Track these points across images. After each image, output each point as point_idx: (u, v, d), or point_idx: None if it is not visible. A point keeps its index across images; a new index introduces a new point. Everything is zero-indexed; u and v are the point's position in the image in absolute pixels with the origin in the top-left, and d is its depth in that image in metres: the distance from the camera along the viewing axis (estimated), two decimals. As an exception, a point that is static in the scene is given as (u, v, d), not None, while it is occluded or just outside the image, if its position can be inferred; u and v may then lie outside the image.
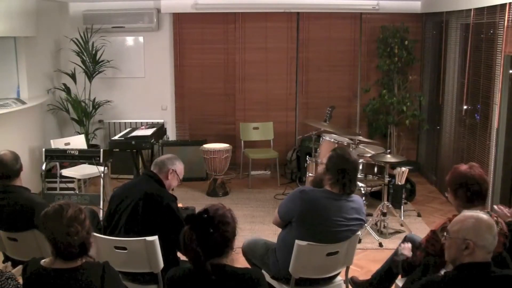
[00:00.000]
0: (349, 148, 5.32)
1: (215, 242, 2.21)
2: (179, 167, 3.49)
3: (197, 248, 2.19)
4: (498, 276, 2.25)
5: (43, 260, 2.32)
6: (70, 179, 6.10)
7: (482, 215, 2.34)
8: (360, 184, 5.42)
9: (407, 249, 3.19)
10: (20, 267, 2.67)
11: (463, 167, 2.98)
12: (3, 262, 3.47)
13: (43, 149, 5.44)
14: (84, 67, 7.00)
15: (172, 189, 3.51)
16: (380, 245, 4.91)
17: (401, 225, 5.30)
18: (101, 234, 3.24)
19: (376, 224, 5.24)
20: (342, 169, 3.14)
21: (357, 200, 3.26)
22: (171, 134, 7.49)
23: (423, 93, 7.22)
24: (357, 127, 7.48)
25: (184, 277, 2.32)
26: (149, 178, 3.39)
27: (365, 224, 3.36)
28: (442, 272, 2.55)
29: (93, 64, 7.03)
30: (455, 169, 2.99)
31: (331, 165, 3.18)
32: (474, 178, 2.89)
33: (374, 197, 5.88)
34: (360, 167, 5.54)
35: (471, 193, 2.89)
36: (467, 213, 2.40)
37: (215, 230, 2.21)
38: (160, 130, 6.65)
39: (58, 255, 2.27)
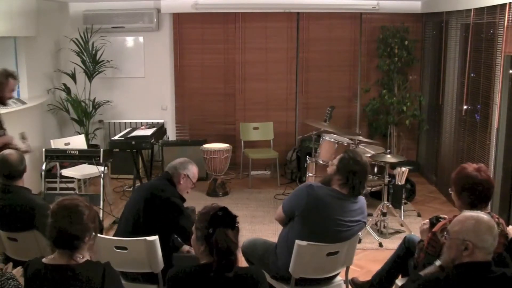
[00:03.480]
0: (360, 150, 5.33)
1: (238, 234, 2.35)
2: (191, 171, 3.51)
3: (234, 240, 2.29)
4: (497, 275, 2.25)
5: (44, 258, 2.33)
6: (70, 179, 6.10)
7: (482, 216, 2.33)
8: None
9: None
10: (19, 268, 2.67)
11: (471, 168, 2.92)
12: (4, 262, 3.48)
13: (43, 149, 5.44)
14: (84, 67, 7.00)
15: (187, 192, 3.54)
16: (380, 245, 4.91)
17: (401, 225, 5.30)
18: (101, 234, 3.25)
19: (376, 224, 5.24)
20: (353, 171, 3.14)
21: (362, 201, 3.26)
22: (171, 134, 7.49)
23: (423, 93, 7.23)
24: (357, 127, 7.48)
25: (185, 276, 2.33)
26: (163, 178, 3.46)
27: (366, 225, 3.37)
28: (437, 263, 2.54)
29: (93, 64, 7.03)
30: (463, 170, 2.94)
31: (341, 166, 3.18)
32: (481, 183, 2.86)
33: (374, 197, 5.88)
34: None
35: (475, 197, 2.87)
36: (467, 213, 2.40)
37: (238, 222, 2.35)
38: (160, 130, 6.64)
39: (54, 242, 2.28)
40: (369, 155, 5.46)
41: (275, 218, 3.44)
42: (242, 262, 3.50)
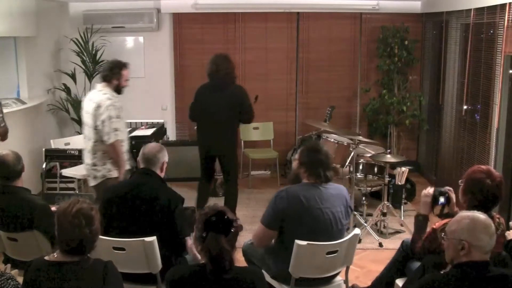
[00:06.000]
0: (319, 140, 5.41)
1: (235, 239, 2.35)
2: (167, 156, 3.52)
3: (227, 246, 2.28)
4: (495, 275, 2.26)
5: (46, 256, 2.35)
6: (70, 179, 6.10)
7: (478, 215, 2.34)
8: (360, 184, 5.43)
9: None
10: (16, 271, 2.68)
11: (485, 174, 2.88)
12: (4, 262, 3.48)
13: (43, 149, 5.44)
14: (84, 67, 7.00)
15: None
16: (380, 245, 4.91)
17: (401, 225, 5.30)
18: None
19: (376, 224, 5.24)
20: (314, 160, 3.27)
21: (337, 187, 3.35)
22: (171, 134, 7.48)
23: (423, 93, 7.22)
24: (357, 127, 7.48)
25: (184, 276, 2.34)
26: (149, 176, 3.37)
27: (352, 211, 3.44)
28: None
29: (93, 64, 7.02)
30: (477, 173, 2.92)
31: (303, 158, 3.33)
32: (487, 193, 2.85)
33: (374, 197, 5.88)
34: (360, 167, 5.55)
35: (477, 202, 2.86)
36: (464, 213, 2.40)
37: (234, 228, 2.36)
38: (160, 130, 6.64)
39: (58, 244, 2.30)
40: (369, 155, 5.47)
41: (256, 245, 3.43)
42: (243, 263, 3.51)
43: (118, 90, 4.51)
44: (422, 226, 3.17)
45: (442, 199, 3.14)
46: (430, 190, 3.19)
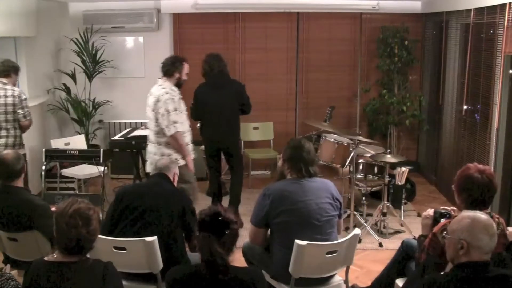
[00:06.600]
0: (304, 139, 5.44)
1: (231, 241, 2.33)
2: (178, 170, 3.75)
3: (219, 248, 2.27)
4: (495, 275, 2.26)
5: (45, 257, 2.35)
6: (70, 179, 6.10)
7: (479, 215, 2.34)
8: (360, 184, 5.43)
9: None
10: (16, 271, 2.68)
11: (473, 169, 2.90)
12: (3, 262, 3.48)
13: (43, 149, 5.44)
14: (84, 67, 7.00)
15: None
16: (380, 245, 4.91)
17: (401, 225, 5.30)
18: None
19: (376, 224, 5.24)
20: (296, 156, 3.36)
21: (322, 181, 3.40)
22: (171, 134, 7.47)
23: (423, 93, 7.22)
24: (357, 127, 7.47)
25: (184, 276, 2.34)
26: (165, 180, 3.53)
27: (345, 210, 3.46)
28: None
29: (93, 64, 7.03)
30: (466, 170, 2.93)
31: (286, 156, 3.43)
32: (480, 187, 2.85)
33: (374, 197, 5.88)
34: (360, 167, 5.55)
35: (473, 199, 2.86)
36: (465, 213, 2.40)
37: (231, 230, 2.32)
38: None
39: (56, 244, 2.31)
40: (369, 155, 5.47)
41: (251, 243, 3.48)
42: (243, 263, 3.51)
43: (178, 84, 4.84)
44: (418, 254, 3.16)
45: (442, 221, 3.12)
46: (430, 212, 3.17)
